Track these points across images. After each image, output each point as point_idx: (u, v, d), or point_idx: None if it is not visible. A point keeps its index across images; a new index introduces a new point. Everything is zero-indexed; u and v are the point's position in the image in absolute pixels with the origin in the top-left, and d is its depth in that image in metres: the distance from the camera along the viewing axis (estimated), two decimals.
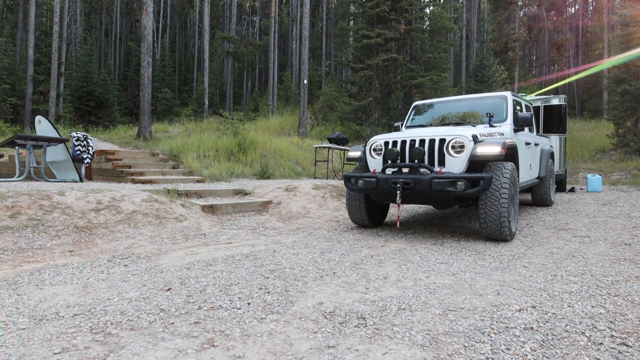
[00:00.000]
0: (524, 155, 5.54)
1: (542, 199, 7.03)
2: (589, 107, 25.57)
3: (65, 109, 21.31)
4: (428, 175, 4.16)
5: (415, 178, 4.18)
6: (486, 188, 3.99)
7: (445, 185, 4.02)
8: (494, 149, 4.13)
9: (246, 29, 35.70)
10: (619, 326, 2.16)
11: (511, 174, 4.21)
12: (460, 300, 2.56)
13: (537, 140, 6.48)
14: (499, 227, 4.14)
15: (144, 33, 13.77)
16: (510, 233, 4.30)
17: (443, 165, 4.28)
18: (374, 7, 16.91)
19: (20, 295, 2.74)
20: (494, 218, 4.12)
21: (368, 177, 4.55)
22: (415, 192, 4.23)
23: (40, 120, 8.34)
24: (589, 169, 13.19)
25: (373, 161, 4.82)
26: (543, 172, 6.70)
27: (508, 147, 4.38)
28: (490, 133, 4.62)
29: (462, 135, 4.25)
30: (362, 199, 5.11)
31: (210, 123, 17.29)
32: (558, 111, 8.56)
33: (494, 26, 29.94)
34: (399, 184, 4.22)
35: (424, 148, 4.37)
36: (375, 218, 5.40)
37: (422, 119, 6.06)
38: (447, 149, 4.27)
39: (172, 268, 3.41)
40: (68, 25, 25.88)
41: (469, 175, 4.03)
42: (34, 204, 4.80)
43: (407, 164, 4.39)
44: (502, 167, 4.23)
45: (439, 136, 4.34)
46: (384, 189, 4.41)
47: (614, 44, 19.75)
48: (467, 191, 3.98)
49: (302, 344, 2.00)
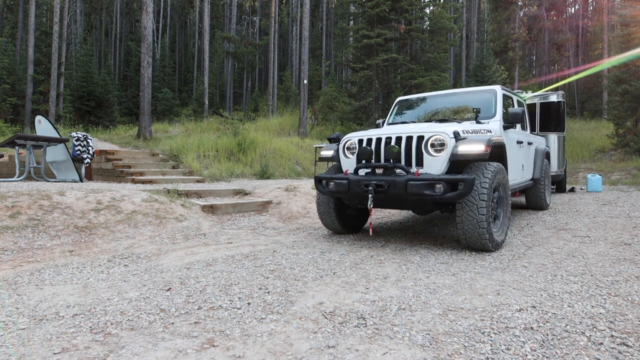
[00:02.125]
0: (515, 154, 5.18)
1: (536, 202, 6.60)
2: (589, 107, 25.58)
3: (65, 109, 21.32)
4: (404, 176, 3.73)
5: (389, 180, 3.74)
6: (468, 191, 3.54)
7: (422, 188, 3.59)
8: (476, 147, 3.68)
9: (246, 29, 35.70)
10: (619, 326, 2.16)
11: (494, 175, 3.76)
12: (460, 300, 2.56)
13: (530, 138, 6.14)
14: (478, 235, 3.67)
15: (144, 33, 13.77)
16: (493, 242, 3.79)
17: (421, 166, 3.86)
18: (374, 7, 16.92)
19: (20, 295, 2.74)
20: (472, 225, 3.66)
21: (339, 179, 4.12)
22: (389, 195, 3.81)
23: (40, 120, 8.35)
24: (589, 169, 13.19)
25: (346, 161, 4.41)
26: (537, 174, 6.32)
27: (494, 146, 3.95)
28: (476, 130, 4.16)
29: (442, 132, 3.81)
30: (331, 203, 4.65)
31: (210, 123, 17.29)
32: (556, 109, 8.28)
33: (494, 26, 29.96)
34: (371, 187, 3.79)
35: (401, 146, 3.94)
36: (351, 223, 4.95)
37: (406, 115, 5.63)
38: (425, 148, 3.84)
39: (172, 268, 3.41)
40: (68, 25, 25.87)
41: (448, 176, 3.60)
42: (34, 204, 4.80)
43: (381, 164, 3.96)
44: (483, 167, 3.78)
45: (417, 133, 3.91)
46: (356, 192, 3.98)
47: (614, 44, 19.75)
48: (446, 195, 3.54)
49: (302, 344, 2.00)
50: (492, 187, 3.71)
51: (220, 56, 33.67)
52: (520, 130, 5.58)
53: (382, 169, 3.96)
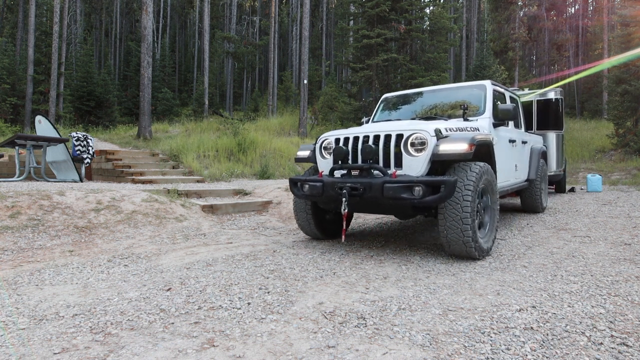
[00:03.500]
0: (506, 154, 4.92)
1: (531, 204, 6.25)
2: (589, 107, 25.58)
3: (65, 109, 21.32)
4: (380, 178, 3.44)
5: (365, 182, 3.45)
6: (449, 194, 3.25)
7: (399, 191, 3.29)
8: (459, 146, 3.40)
9: (246, 29, 35.71)
10: (619, 326, 2.16)
11: (480, 176, 3.46)
12: (460, 300, 2.56)
13: (525, 137, 5.89)
14: (462, 242, 3.38)
15: (144, 33, 13.77)
16: (479, 249, 3.50)
17: (401, 167, 3.58)
18: (374, 7, 16.92)
19: (20, 295, 2.74)
20: (455, 231, 3.36)
21: (313, 181, 3.84)
22: (365, 199, 3.51)
23: (40, 120, 8.35)
24: (589, 169, 13.18)
25: (323, 162, 4.13)
26: (533, 174, 6.02)
27: (479, 144, 3.64)
28: (462, 128, 3.88)
29: (422, 130, 3.53)
30: (308, 207, 4.38)
31: (210, 123, 17.29)
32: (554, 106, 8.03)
33: (494, 26, 29.96)
34: (345, 190, 3.50)
35: (379, 145, 3.66)
36: (330, 228, 4.63)
37: (391, 113, 5.34)
38: (405, 147, 3.56)
39: (172, 268, 3.41)
40: (68, 25, 25.88)
41: (428, 178, 3.32)
42: (34, 204, 4.80)
43: (356, 165, 3.68)
44: (467, 168, 3.48)
45: (396, 131, 3.62)
46: (331, 195, 3.66)
47: (614, 44, 19.76)
48: (425, 199, 3.25)
49: (302, 344, 2.00)
50: (478, 189, 3.44)
51: (220, 56, 33.68)
52: (513, 128, 5.36)
53: (358, 170, 3.68)
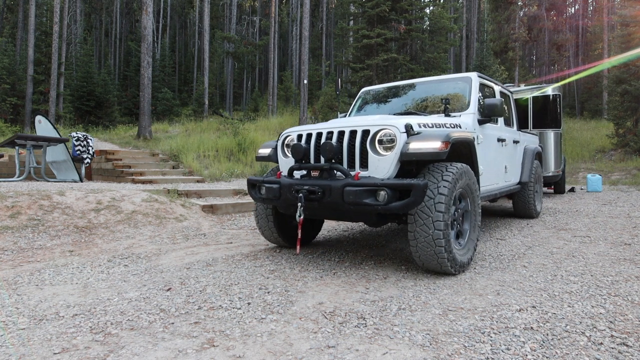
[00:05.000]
0: (494, 154, 4.53)
1: (524, 209, 5.77)
2: (589, 107, 25.59)
3: (65, 109, 21.33)
4: (340, 181, 3.02)
5: (324, 185, 3.05)
6: (418, 200, 2.82)
7: (360, 195, 2.87)
8: (431, 144, 2.99)
9: (246, 29, 35.71)
10: (619, 326, 2.16)
11: (456, 179, 3.05)
12: (460, 300, 2.56)
13: (517, 136, 5.47)
14: (434, 255, 2.95)
15: (144, 33, 13.77)
16: (455, 263, 3.06)
17: (366, 167, 3.16)
18: (374, 7, 16.93)
19: (20, 295, 2.74)
20: (426, 242, 2.95)
21: (270, 183, 3.44)
22: (325, 204, 3.10)
23: (40, 120, 8.35)
24: (589, 169, 13.19)
25: (284, 161, 3.68)
26: (525, 177, 5.58)
27: (457, 142, 3.25)
28: (440, 124, 3.45)
29: (390, 125, 3.11)
30: (269, 211, 3.95)
31: (210, 123, 17.30)
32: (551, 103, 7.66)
33: (494, 26, 29.97)
34: (302, 193, 3.10)
35: (343, 143, 3.25)
36: (295, 234, 4.01)
37: (371, 108, 4.95)
38: (371, 144, 3.14)
39: (172, 268, 3.41)
40: (68, 25, 25.89)
41: (393, 181, 2.89)
42: (34, 204, 4.80)
43: (315, 165, 3.27)
44: (442, 170, 3.07)
45: (362, 127, 3.20)
46: (288, 199, 3.26)
47: (614, 44, 19.77)
48: (391, 205, 2.82)
49: (302, 344, 2.00)
50: (454, 194, 3.04)
51: (220, 56, 33.68)
52: (503, 126, 4.96)
53: (318, 171, 3.27)
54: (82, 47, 27.62)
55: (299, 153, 3.33)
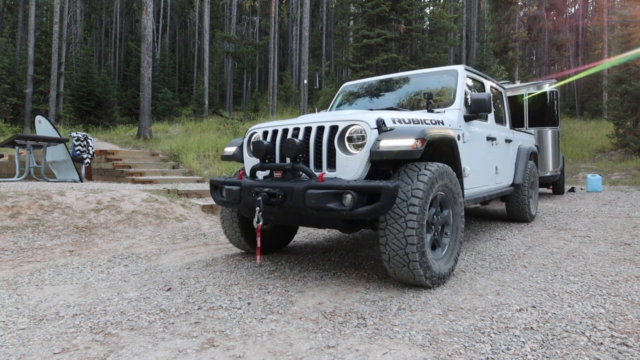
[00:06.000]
0: (483, 154, 4.23)
1: (517, 213, 5.42)
2: (589, 107, 25.59)
3: (65, 109, 21.35)
4: (303, 182, 2.73)
5: (285, 187, 2.77)
6: (387, 205, 2.50)
7: (323, 199, 2.57)
8: (403, 141, 2.68)
9: (246, 29, 35.71)
10: (619, 326, 2.16)
11: (433, 181, 2.74)
12: (460, 300, 2.56)
13: (509, 134, 5.14)
14: (407, 266, 2.63)
15: (144, 33, 13.78)
16: (431, 275, 2.72)
17: (334, 167, 2.83)
18: (374, 7, 16.93)
19: (20, 295, 2.74)
20: (398, 252, 2.62)
21: (230, 185, 3.17)
22: (287, 208, 2.82)
23: (40, 120, 8.36)
24: (589, 169, 13.19)
25: (250, 161, 3.37)
26: (519, 178, 5.25)
27: (435, 140, 2.96)
28: (419, 119, 3.17)
29: (360, 120, 2.80)
30: (234, 214, 3.66)
31: (210, 123, 17.30)
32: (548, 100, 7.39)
33: (494, 26, 29.98)
34: (261, 197, 2.81)
35: (309, 140, 2.93)
36: (266, 241, 3.78)
37: (351, 104, 4.65)
38: (339, 142, 2.82)
39: (172, 268, 3.41)
40: (68, 25, 25.89)
41: (360, 184, 2.56)
42: (34, 204, 4.80)
43: (277, 165, 2.98)
44: (417, 170, 2.76)
45: (330, 122, 2.88)
46: (249, 202, 2.98)
47: (614, 44, 19.77)
48: (357, 210, 2.51)
49: (302, 344, 2.00)
50: (430, 196, 2.73)
51: (220, 56, 33.69)
52: (493, 123, 4.65)
53: (281, 171, 2.96)
54: (82, 47, 27.63)
55: (261, 151, 3.03)
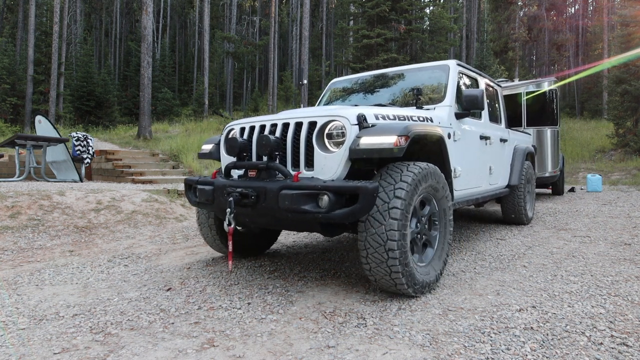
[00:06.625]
0: (475, 153, 4.03)
1: (513, 215, 5.21)
2: (589, 107, 25.61)
3: (65, 109, 21.36)
4: (278, 182, 2.54)
5: (258, 187, 2.57)
6: (365, 208, 2.32)
7: (298, 201, 2.38)
8: (384, 138, 2.47)
9: (246, 29, 35.72)
10: (619, 326, 2.16)
11: (417, 182, 2.54)
12: (460, 300, 2.56)
13: (504, 134, 4.96)
14: (388, 273, 2.44)
15: (144, 33, 13.78)
16: (414, 283, 2.53)
17: (312, 167, 2.65)
18: (374, 7, 16.94)
19: (20, 295, 2.74)
20: (377, 254, 2.43)
21: (203, 184, 3.00)
22: (260, 210, 2.61)
23: (40, 120, 8.36)
24: (589, 169, 13.19)
25: (226, 159, 3.22)
26: (515, 179, 5.07)
27: (420, 138, 2.80)
28: (405, 116, 2.96)
29: (340, 115, 2.61)
30: (211, 216, 3.49)
31: (210, 123, 17.31)
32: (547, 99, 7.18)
33: (494, 26, 30.00)
34: (232, 197, 2.62)
35: (287, 137, 2.74)
36: (245, 244, 3.64)
37: (339, 101, 4.43)
38: (317, 139, 2.63)
39: (172, 268, 3.41)
40: (68, 25, 25.90)
41: (337, 184, 2.38)
42: (34, 204, 4.80)
43: (250, 163, 2.79)
44: (400, 170, 2.56)
45: (309, 118, 2.69)
46: (222, 203, 2.79)
47: (614, 44, 19.78)
48: (333, 213, 2.32)
49: (302, 344, 2.00)
50: (414, 198, 2.53)
51: (220, 56, 33.70)
52: (487, 122, 4.46)
53: (255, 170, 2.77)
54: (82, 47, 27.64)
55: (235, 149, 2.83)
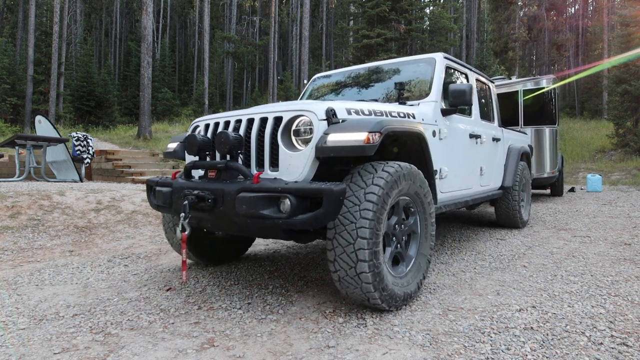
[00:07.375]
0: (464, 152, 3.79)
1: (507, 218, 4.99)
2: (589, 107, 25.62)
3: (65, 109, 21.36)
4: (236, 184, 2.31)
5: (216, 190, 2.33)
6: (331, 212, 2.08)
7: (256, 205, 2.17)
8: (353, 135, 2.24)
9: (246, 29, 35.74)
10: (619, 326, 2.16)
11: (392, 184, 2.30)
12: (460, 300, 2.56)
13: (497, 133, 4.71)
14: (358, 281, 2.20)
15: (144, 33, 13.78)
16: (388, 296, 2.30)
17: (276, 166, 2.43)
18: (374, 7, 16.94)
19: (20, 295, 2.74)
20: (346, 263, 2.20)
21: (162, 186, 2.79)
22: (218, 215, 2.36)
23: (40, 120, 8.36)
24: (589, 169, 13.19)
25: (189, 158, 3.02)
26: (508, 181, 4.84)
27: (396, 135, 2.59)
28: (383, 111, 2.72)
29: (307, 110, 2.38)
30: (176, 219, 3.21)
31: None
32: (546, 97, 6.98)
33: (494, 26, 30.01)
34: (187, 200, 2.39)
35: (251, 134, 2.52)
36: (212, 251, 3.41)
37: (321, 97, 4.20)
38: (283, 136, 2.41)
39: (172, 268, 3.41)
40: (68, 25, 25.91)
41: (299, 186, 2.15)
42: (34, 204, 4.80)
43: (208, 163, 2.58)
44: (374, 170, 2.33)
45: (275, 112, 2.46)
46: (179, 206, 2.54)
47: (614, 44, 19.79)
48: (294, 218, 2.10)
49: (302, 344, 2.00)
50: (388, 201, 2.29)
51: (220, 56, 33.71)
52: (479, 120, 4.23)
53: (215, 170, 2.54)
54: (82, 47, 27.65)
55: (194, 147, 2.56)
